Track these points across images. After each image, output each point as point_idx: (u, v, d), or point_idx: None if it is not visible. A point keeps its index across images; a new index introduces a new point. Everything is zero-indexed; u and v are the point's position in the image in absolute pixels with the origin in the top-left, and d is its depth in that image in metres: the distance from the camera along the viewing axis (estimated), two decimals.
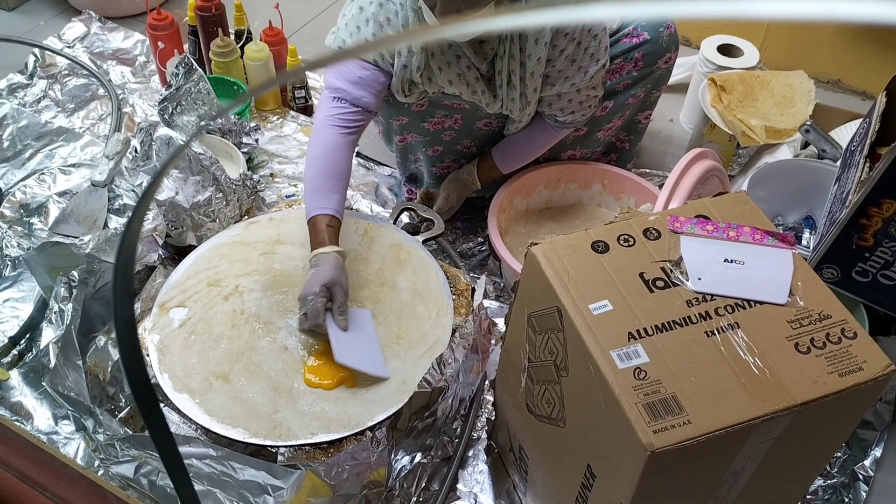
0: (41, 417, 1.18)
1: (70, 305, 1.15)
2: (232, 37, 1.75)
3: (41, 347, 1.23)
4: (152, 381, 1.09)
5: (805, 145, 1.53)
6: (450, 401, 1.12)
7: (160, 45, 1.73)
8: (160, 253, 1.29)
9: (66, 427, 1.16)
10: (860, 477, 1.17)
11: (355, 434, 1.04)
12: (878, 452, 1.20)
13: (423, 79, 1.25)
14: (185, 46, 1.80)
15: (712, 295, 0.81)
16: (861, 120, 1.35)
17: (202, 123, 1.46)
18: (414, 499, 1.11)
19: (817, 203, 1.42)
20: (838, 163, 1.37)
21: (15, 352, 1.26)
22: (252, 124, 1.63)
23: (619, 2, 0.24)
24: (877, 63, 1.84)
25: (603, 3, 0.24)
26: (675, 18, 1.43)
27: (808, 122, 1.48)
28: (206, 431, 1.05)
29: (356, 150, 1.66)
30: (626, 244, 0.86)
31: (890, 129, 1.20)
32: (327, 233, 1.16)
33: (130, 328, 0.35)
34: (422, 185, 1.53)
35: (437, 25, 0.27)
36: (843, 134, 1.53)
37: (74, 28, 1.97)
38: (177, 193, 1.32)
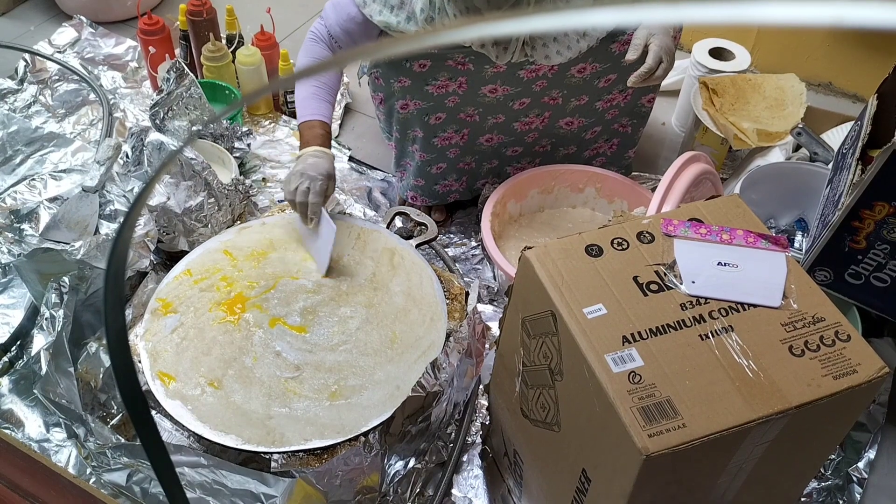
0: (32, 425, 1.17)
1: (61, 312, 1.14)
2: (223, 41, 1.75)
3: (32, 354, 1.22)
4: (144, 387, 1.08)
5: (797, 148, 1.54)
6: (444, 405, 1.12)
7: (151, 49, 1.72)
8: (152, 258, 1.29)
9: (58, 434, 1.16)
10: (854, 479, 1.17)
11: (349, 440, 1.03)
12: (871, 454, 1.20)
13: (437, 25, 1.24)
14: (177, 51, 1.80)
15: (706, 298, 0.81)
16: (853, 122, 1.35)
17: (194, 128, 1.46)
18: None
19: (809, 206, 1.42)
20: (830, 165, 1.38)
21: (6, 359, 1.25)
22: (244, 129, 1.62)
23: (625, 7, 0.24)
24: (868, 66, 1.85)
25: (609, 8, 0.24)
26: (686, 24, 1.43)
27: (800, 125, 1.48)
28: (199, 438, 1.04)
29: (350, 153, 1.67)
30: (620, 248, 0.86)
31: (881, 131, 1.20)
32: (325, 138, 1.25)
33: (122, 337, 0.34)
34: (409, 177, 1.51)
35: (450, 27, 0.26)
36: (835, 136, 1.54)
37: (65, 33, 1.96)
38: (168, 199, 1.32)
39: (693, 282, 0.82)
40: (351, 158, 1.68)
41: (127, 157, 1.39)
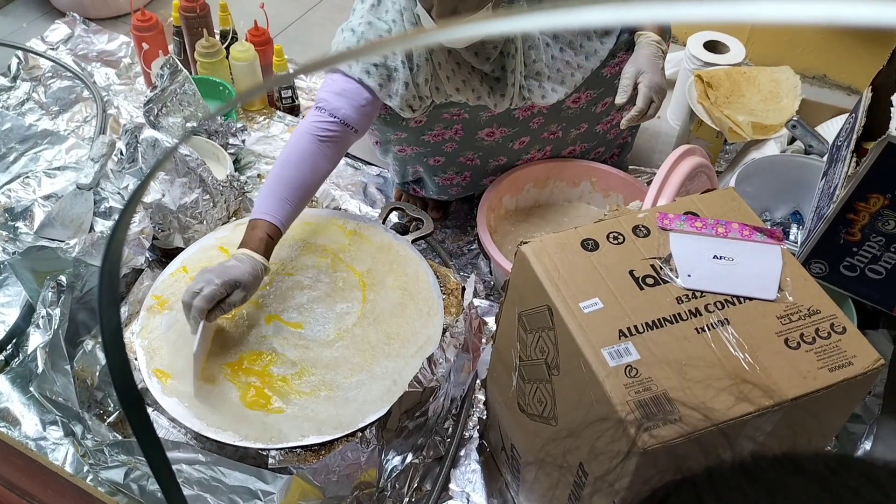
0: (29, 423, 1.17)
1: (57, 310, 1.14)
2: (217, 37, 1.74)
3: (28, 353, 1.22)
4: (140, 385, 1.08)
5: (792, 141, 1.54)
6: (441, 400, 1.12)
7: (145, 46, 1.72)
8: (147, 255, 1.28)
9: (55, 432, 1.15)
10: None
11: (346, 436, 1.03)
12: (867, 446, 1.21)
13: (431, 89, 1.22)
14: (170, 47, 1.79)
15: (702, 291, 0.81)
16: (847, 115, 1.35)
17: (188, 125, 1.45)
18: (406, 499, 1.10)
19: (804, 198, 1.42)
20: (825, 158, 1.38)
21: (1, 357, 1.25)
22: (238, 125, 1.62)
23: (616, 5, 0.24)
24: (862, 58, 1.85)
25: (601, 6, 0.24)
26: (674, 22, 1.43)
27: (795, 118, 1.48)
28: (196, 435, 1.04)
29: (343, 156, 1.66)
30: (616, 242, 0.86)
31: (876, 123, 1.20)
32: (264, 242, 1.11)
33: (117, 336, 0.34)
34: (426, 190, 1.51)
35: (429, 29, 0.26)
36: (830, 129, 1.54)
37: (58, 30, 1.95)
38: (163, 195, 1.31)
39: (689, 275, 0.83)
40: (346, 154, 1.67)
41: (121, 154, 1.39)
